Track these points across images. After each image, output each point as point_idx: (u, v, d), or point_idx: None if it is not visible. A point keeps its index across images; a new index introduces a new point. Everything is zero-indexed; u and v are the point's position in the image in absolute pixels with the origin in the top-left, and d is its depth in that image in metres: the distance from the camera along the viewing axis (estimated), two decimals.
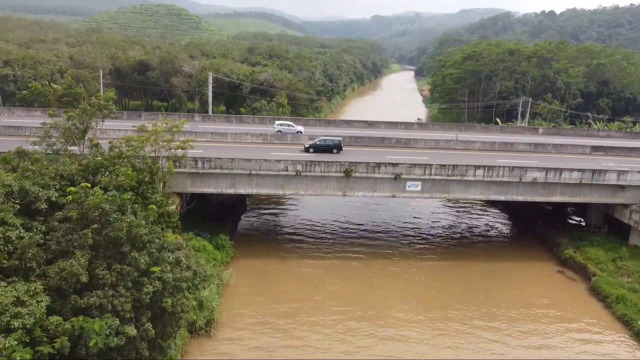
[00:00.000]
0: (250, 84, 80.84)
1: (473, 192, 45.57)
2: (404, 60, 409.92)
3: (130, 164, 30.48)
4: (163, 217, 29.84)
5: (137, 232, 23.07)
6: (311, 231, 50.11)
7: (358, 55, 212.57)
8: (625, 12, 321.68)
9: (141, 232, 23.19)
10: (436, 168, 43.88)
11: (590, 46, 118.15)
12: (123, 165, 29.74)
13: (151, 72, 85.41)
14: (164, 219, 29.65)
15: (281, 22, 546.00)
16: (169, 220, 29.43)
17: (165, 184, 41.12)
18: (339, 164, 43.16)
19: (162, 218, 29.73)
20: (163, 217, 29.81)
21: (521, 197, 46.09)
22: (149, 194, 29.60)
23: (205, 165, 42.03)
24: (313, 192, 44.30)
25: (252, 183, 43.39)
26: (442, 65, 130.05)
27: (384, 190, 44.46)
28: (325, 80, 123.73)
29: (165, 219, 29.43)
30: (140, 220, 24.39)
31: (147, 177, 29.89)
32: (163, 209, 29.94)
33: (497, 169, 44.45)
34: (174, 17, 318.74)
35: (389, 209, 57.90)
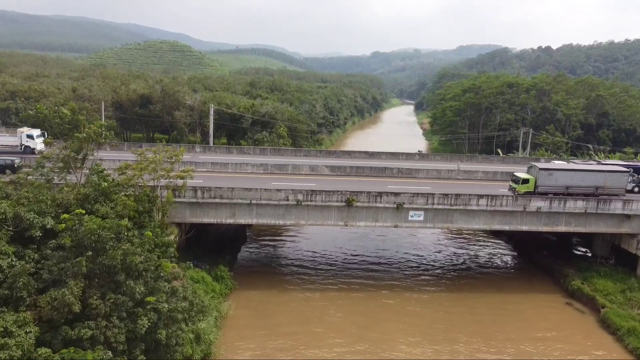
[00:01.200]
0: (252, 117, 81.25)
1: (477, 222, 44.84)
2: (404, 94, 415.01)
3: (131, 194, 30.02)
4: (160, 247, 29.15)
5: (133, 260, 22.39)
6: (312, 262, 49.15)
7: (358, 90, 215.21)
8: (620, 47, 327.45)
9: (137, 260, 22.51)
10: (439, 197, 43.33)
11: (588, 79, 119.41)
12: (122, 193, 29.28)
13: (153, 105, 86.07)
14: (161, 248, 28.95)
15: (282, 59, 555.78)
16: (166, 250, 28.71)
17: (164, 214, 40.57)
18: (340, 194, 42.65)
19: (159, 248, 29.05)
20: (160, 246, 29.12)
21: (525, 226, 45.32)
22: (146, 223, 29.00)
23: (205, 195, 41.54)
24: (314, 222, 43.64)
25: (253, 213, 42.78)
26: (442, 99, 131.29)
27: (386, 220, 43.79)
28: (326, 113, 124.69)
29: (162, 248, 28.72)
30: (136, 248, 23.74)
31: (146, 206, 29.33)
32: (160, 239, 29.27)
33: (500, 198, 43.89)
34: (177, 53, 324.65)
35: (390, 239, 57.00)
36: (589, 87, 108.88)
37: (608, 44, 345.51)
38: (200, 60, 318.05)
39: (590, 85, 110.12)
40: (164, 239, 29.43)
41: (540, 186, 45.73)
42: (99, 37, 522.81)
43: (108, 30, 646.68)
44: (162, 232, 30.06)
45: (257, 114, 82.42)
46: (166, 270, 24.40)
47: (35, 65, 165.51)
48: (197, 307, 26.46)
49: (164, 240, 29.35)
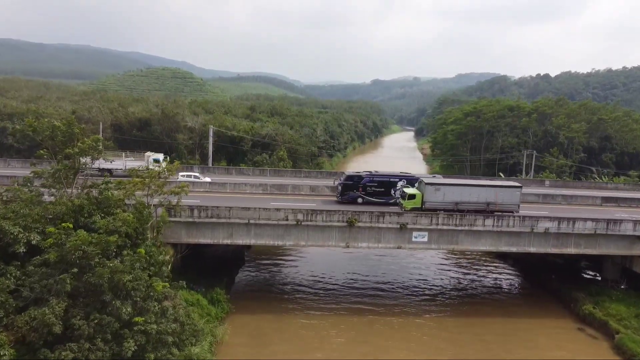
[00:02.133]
0: (252, 138, 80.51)
1: (483, 244, 43.32)
2: (404, 121, 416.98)
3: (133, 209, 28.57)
4: (154, 266, 27.64)
5: (121, 279, 20.90)
6: (312, 285, 47.37)
7: (359, 115, 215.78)
8: (618, 74, 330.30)
9: (125, 279, 21.01)
10: (443, 217, 41.95)
11: (589, 103, 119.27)
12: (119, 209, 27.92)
13: (152, 127, 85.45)
14: (155, 268, 27.44)
15: (283, 86, 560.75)
16: (159, 269, 27.19)
17: (159, 234, 39.14)
18: (341, 213, 41.28)
19: (153, 267, 27.54)
20: (154, 266, 27.62)
21: (533, 248, 43.78)
22: (139, 241, 27.57)
23: (202, 214, 40.15)
24: (314, 242, 42.13)
25: (251, 233, 41.31)
26: (443, 123, 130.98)
27: (389, 241, 42.28)
28: (327, 136, 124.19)
29: (155, 268, 27.21)
30: (126, 265, 22.27)
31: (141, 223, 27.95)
32: (154, 258, 27.78)
33: (507, 218, 42.50)
34: (178, 79, 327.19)
35: (392, 261, 55.27)
36: (590, 111, 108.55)
37: (606, 72, 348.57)
38: (201, 86, 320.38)
39: (591, 109, 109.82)
40: (157, 258, 27.93)
41: (427, 202, 44.15)
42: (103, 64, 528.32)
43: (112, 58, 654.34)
44: (157, 250, 28.56)
45: (257, 135, 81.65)
46: (157, 290, 22.86)
47: (37, 90, 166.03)
48: (189, 330, 24.79)
49: (157, 258, 27.85)
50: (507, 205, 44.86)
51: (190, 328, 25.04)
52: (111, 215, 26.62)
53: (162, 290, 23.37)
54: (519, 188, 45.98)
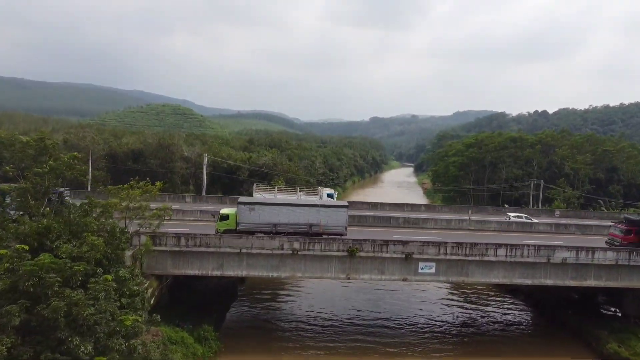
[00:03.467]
0: (249, 167, 77.96)
1: (495, 275, 39.87)
2: (403, 157, 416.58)
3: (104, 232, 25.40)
4: (126, 297, 24.22)
5: (80, 312, 17.60)
6: (310, 321, 43.55)
7: (358, 150, 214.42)
8: (616, 110, 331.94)
9: (85, 312, 17.70)
10: (452, 247, 38.68)
11: (593, 135, 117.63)
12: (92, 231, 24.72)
13: (147, 158, 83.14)
14: (127, 299, 24.02)
15: (283, 123, 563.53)
16: (133, 301, 23.77)
17: (142, 264, 35.84)
18: (341, 242, 38.05)
19: (126, 298, 24.13)
20: (127, 296, 24.21)
21: (550, 280, 40.30)
22: (112, 269, 24.30)
23: (189, 243, 36.91)
24: (312, 274, 38.68)
25: (243, 264, 37.93)
26: (444, 155, 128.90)
27: (393, 272, 38.86)
28: (326, 169, 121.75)
29: (128, 299, 23.80)
30: (89, 296, 18.98)
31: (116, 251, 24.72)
32: (127, 287, 24.42)
33: (521, 248, 39.23)
34: (178, 116, 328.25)
35: (395, 293, 51.51)
36: (594, 143, 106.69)
37: (603, 108, 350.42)
38: (201, 122, 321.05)
39: (596, 141, 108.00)
40: (132, 287, 24.55)
41: (241, 223, 40.50)
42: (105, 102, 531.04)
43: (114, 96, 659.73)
44: (132, 279, 25.21)
45: (255, 165, 79.12)
46: (125, 324, 19.47)
47: (34, 124, 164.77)
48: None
49: (132, 288, 24.47)
50: (332, 227, 41.25)
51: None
52: (79, 239, 23.45)
53: (132, 325, 19.97)
54: (345, 208, 42.71)
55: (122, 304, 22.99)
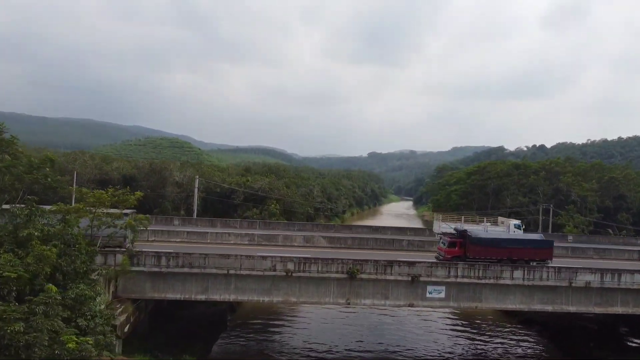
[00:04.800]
0: (243, 191, 74.50)
1: (512, 301, 35.89)
2: (402, 192, 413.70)
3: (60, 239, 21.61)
4: (90, 321, 20.30)
5: (3, 330, 13.83)
6: (305, 353, 39.12)
7: (357, 182, 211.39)
8: (614, 144, 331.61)
9: (10, 328, 13.92)
10: (463, 269, 34.89)
11: (599, 163, 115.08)
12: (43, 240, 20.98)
13: (138, 183, 79.69)
14: (89, 322, 20.09)
15: (281, 157, 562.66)
16: (93, 323, 19.81)
17: (117, 286, 31.97)
18: (340, 263, 34.23)
19: (89, 321, 20.21)
20: (90, 320, 20.27)
21: (573, 307, 36.32)
22: (69, 284, 20.47)
23: (171, 263, 33.08)
24: (308, 299, 34.68)
25: (230, 287, 33.99)
26: (446, 184, 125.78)
27: (398, 297, 34.90)
28: (324, 198, 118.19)
29: (90, 322, 19.86)
30: (23, 312, 15.21)
31: (67, 262, 20.91)
32: (89, 308, 20.53)
33: (539, 270, 35.44)
34: (176, 149, 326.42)
35: (400, 325, 47.09)
36: (600, 170, 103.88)
37: (602, 142, 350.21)
38: (199, 155, 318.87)
39: (601, 168, 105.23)
40: (94, 308, 20.63)
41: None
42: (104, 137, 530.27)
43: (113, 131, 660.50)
44: (94, 298, 21.29)
45: (250, 189, 75.73)
46: (69, 347, 15.60)
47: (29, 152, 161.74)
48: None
49: (94, 309, 20.53)
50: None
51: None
52: (26, 248, 19.70)
53: (79, 349, 16.07)
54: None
55: (80, 325, 19.08)
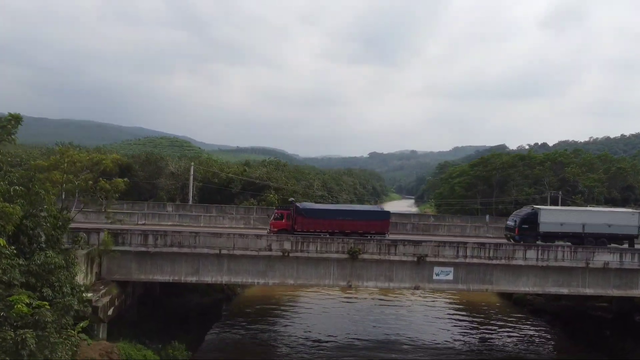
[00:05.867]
0: (241, 181, 72.14)
1: (524, 283, 33.49)
2: (403, 191, 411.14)
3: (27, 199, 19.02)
4: (57, 291, 17.91)
5: None
6: (303, 343, 36.86)
7: (358, 178, 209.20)
8: (617, 142, 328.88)
9: None
10: (473, 248, 32.51)
11: (606, 154, 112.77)
12: None
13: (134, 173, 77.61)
14: (56, 293, 17.70)
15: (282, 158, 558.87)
16: (60, 294, 17.40)
17: (101, 268, 29.71)
18: (341, 242, 31.90)
19: (55, 292, 17.84)
20: (57, 290, 17.89)
21: (590, 289, 33.92)
22: (37, 250, 18.14)
23: (159, 242, 30.77)
24: (306, 280, 32.31)
25: (223, 268, 31.66)
26: (449, 177, 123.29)
27: (403, 279, 32.53)
28: (324, 192, 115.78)
29: (56, 293, 17.46)
30: None
31: (32, 222, 18.51)
32: (57, 277, 18.14)
33: (554, 250, 33.06)
34: (176, 147, 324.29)
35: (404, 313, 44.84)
36: (607, 161, 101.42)
37: (604, 139, 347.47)
38: (199, 154, 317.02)
39: (609, 159, 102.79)
40: (61, 278, 18.22)
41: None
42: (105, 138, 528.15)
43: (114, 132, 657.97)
44: (66, 267, 18.89)
45: (248, 178, 73.45)
46: (18, 308, 13.24)
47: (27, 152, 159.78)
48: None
49: (61, 279, 18.12)
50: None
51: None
52: None
53: (32, 314, 13.70)
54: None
55: (45, 296, 16.75)
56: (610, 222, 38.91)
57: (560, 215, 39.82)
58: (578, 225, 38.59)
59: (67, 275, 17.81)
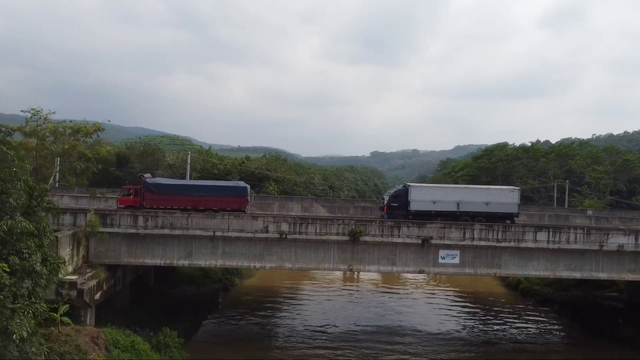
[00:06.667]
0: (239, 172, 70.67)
1: (534, 267, 31.84)
2: None
3: None
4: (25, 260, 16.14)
5: None
6: (301, 333, 35.31)
7: (360, 175, 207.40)
8: (620, 138, 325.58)
9: None
10: (480, 230, 30.88)
11: (612, 146, 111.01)
12: None
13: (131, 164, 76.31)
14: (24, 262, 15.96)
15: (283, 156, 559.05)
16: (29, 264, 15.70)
17: (88, 251, 28.18)
18: (342, 223, 30.30)
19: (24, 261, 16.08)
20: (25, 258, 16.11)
21: (604, 273, 32.26)
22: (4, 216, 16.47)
23: (149, 224, 29.21)
24: (305, 264, 30.70)
25: (217, 252, 30.08)
26: (452, 170, 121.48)
27: (407, 262, 30.92)
28: (325, 186, 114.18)
29: (24, 262, 15.75)
30: None
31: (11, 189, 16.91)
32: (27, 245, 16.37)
33: (566, 231, 31.38)
34: (177, 146, 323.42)
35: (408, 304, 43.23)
36: (613, 153, 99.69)
37: (607, 136, 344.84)
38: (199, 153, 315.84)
39: (615, 152, 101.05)
40: (30, 245, 16.46)
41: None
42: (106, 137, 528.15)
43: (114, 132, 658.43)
44: (38, 235, 17.21)
45: (247, 171, 71.93)
46: None
47: None
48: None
49: (30, 246, 16.36)
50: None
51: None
52: None
53: None
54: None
55: (10, 264, 15.10)
56: (488, 200, 37.25)
57: (433, 192, 38.08)
58: (452, 204, 37.00)
59: (39, 243, 16.18)
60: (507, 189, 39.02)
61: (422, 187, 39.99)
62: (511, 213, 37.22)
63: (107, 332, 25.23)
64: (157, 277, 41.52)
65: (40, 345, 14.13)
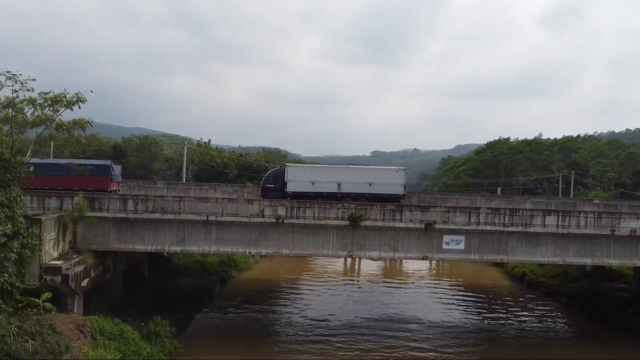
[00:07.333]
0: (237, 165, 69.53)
1: (543, 253, 30.44)
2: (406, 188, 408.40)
3: None
4: None
5: None
6: (299, 326, 33.99)
7: None
8: (622, 135, 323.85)
9: None
10: (486, 214, 29.51)
11: (616, 140, 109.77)
12: None
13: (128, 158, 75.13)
14: None
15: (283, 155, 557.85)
16: None
17: (76, 236, 26.90)
18: (341, 207, 28.96)
19: None
20: None
21: (615, 259, 30.85)
22: None
23: (140, 208, 27.87)
24: (302, 250, 29.34)
25: (211, 237, 28.73)
26: (454, 166, 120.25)
27: (409, 248, 29.54)
28: None
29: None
30: None
31: None
32: None
33: (576, 215, 30.02)
34: (177, 145, 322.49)
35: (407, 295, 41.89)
36: (617, 146, 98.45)
37: (610, 134, 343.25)
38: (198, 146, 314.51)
39: (619, 145, 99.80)
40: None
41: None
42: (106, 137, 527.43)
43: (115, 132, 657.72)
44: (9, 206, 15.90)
45: (245, 164, 70.75)
46: None
47: None
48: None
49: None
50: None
51: None
52: None
53: None
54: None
55: None
56: (371, 181, 36.01)
57: (311, 173, 36.66)
58: (333, 185, 35.58)
59: (9, 214, 14.87)
60: (392, 169, 38.11)
61: (300, 167, 39.09)
62: (397, 194, 36.02)
63: (93, 320, 23.93)
64: (151, 267, 40.21)
65: (8, 325, 12.90)
